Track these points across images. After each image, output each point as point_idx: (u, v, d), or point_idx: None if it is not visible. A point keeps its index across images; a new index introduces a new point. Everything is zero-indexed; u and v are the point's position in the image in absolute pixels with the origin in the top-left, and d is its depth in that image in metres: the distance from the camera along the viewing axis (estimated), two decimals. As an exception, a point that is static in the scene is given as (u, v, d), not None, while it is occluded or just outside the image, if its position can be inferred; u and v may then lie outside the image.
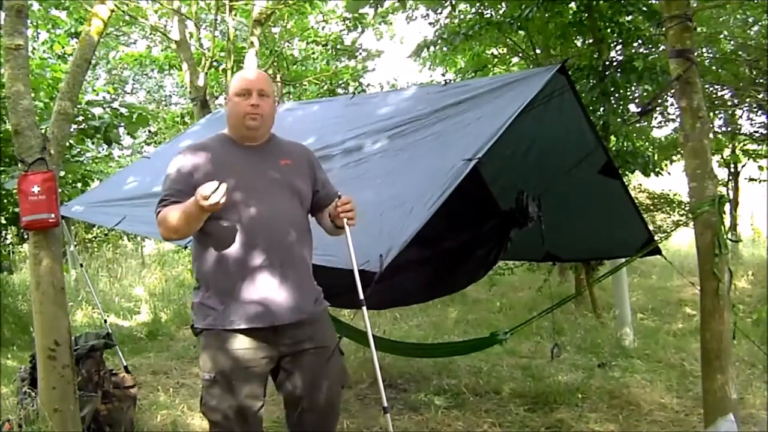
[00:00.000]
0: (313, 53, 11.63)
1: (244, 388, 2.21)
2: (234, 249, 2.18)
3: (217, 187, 1.99)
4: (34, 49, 10.27)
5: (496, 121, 3.03)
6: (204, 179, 2.08)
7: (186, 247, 3.68)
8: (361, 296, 2.35)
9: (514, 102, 3.14)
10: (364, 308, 2.36)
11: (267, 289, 2.19)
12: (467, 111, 3.36)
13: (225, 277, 2.19)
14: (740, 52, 7.91)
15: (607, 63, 6.18)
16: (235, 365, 2.20)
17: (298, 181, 2.31)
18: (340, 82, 11.40)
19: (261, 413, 2.31)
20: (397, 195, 2.85)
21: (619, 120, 6.16)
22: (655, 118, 8.89)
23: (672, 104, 8.23)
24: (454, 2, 7.51)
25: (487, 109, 3.29)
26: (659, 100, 7.20)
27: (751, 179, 11.52)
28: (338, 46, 11.32)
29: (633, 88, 6.78)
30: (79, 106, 6.09)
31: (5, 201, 6.50)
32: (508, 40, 7.95)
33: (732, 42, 7.97)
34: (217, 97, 10.10)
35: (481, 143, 2.91)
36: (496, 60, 9.47)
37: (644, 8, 5.97)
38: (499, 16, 7.16)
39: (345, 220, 2.24)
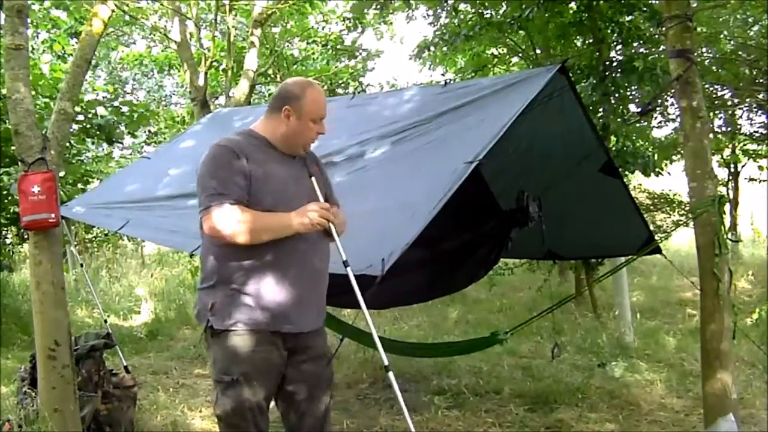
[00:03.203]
0: (313, 53, 11.63)
1: (263, 390, 2.23)
2: (271, 255, 2.19)
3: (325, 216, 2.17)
4: (33, 48, 10.27)
5: (498, 123, 3.03)
6: (254, 184, 2.16)
7: (192, 255, 3.66)
8: (361, 300, 2.36)
9: (515, 103, 3.14)
10: (365, 309, 2.37)
11: (296, 296, 2.22)
12: (469, 115, 3.35)
13: (259, 279, 2.19)
14: (740, 52, 7.91)
15: (607, 63, 6.18)
16: (260, 367, 2.21)
17: (320, 191, 2.33)
18: (340, 82, 11.39)
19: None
20: (400, 199, 2.86)
21: (619, 120, 6.16)
22: (655, 118, 8.89)
23: (672, 104, 8.23)
24: (454, 2, 7.50)
25: (488, 111, 3.28)
26: (659, 100, 7.20)
27: (751, 179, 11.51)
28: (338, 46, 11.31)
29: (633, 89, 6.78)
30: (81, 105, 6.10)
31: (5, 201, 6.50)
32: (508, 40, 7.95)
33: (732, 42, 7.96)
34: (217, 97, 10.09)
35: (482, 146, 2.91)
36: (496, 60, 9.46)
37: (644, 8, 5.97)
38: (499, 17, 7.16)
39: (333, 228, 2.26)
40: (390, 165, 3.34)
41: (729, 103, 9.04)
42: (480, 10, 7.51)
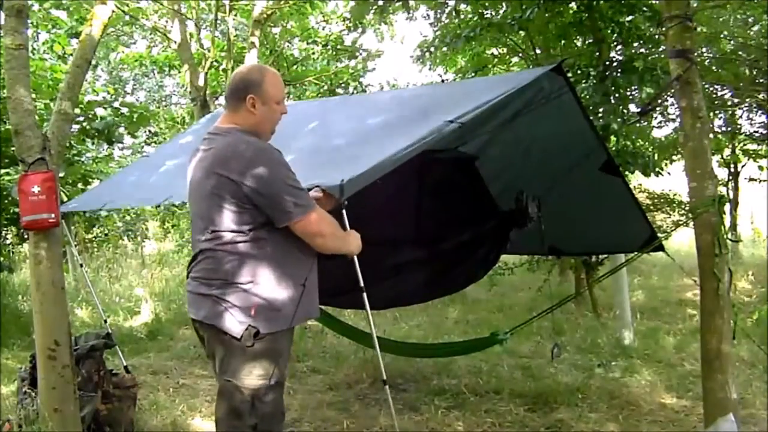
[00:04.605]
0: (313, 53, 11.64)
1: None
2: (308, 249, 2.19)
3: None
4: (34, 49, 10.28)
5: (483, 97, 3.02)
6: None
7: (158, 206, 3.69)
8: (361, 283, 2.39)
9: (504, 88, 3.14)
10: (365, 294, 2.39)
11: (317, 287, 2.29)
12: (459, 98, 3.35)
13: (297, 277, 2.16)
14: (740, 52, 7.90)
15: (608, 63, 6.18)
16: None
17: None
18: (341, 82, 11.41)
19: None
20: (374, 149, 2.82)
21: (619, 120, 6.16)
22: (655, 118, 8.89)
23: (672, 104, 8.23)
24: (455, 3, 7.50)
25: (476, 93, 3.27)
26: (659, 100, 7.19)
27: (751, 179, 11.50)
28: (338, 47, 11.32)
29: (633, 89, 6.78)
30: (81, 106, 6.10)
31: (5, 201, 6.50)
32: (508, 40, 7.95)
33: (732, 42, 7.95)
34: (217, 97, 10.10)
35: (465, 110, 2.87)
36: (496, 60, 9.46)
37: (644, 8, 5.97)
38: (499, 17, 7.16)
39: None
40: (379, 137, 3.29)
41: (729, 103, 9.03)
42: (480, 11, 7.51)
